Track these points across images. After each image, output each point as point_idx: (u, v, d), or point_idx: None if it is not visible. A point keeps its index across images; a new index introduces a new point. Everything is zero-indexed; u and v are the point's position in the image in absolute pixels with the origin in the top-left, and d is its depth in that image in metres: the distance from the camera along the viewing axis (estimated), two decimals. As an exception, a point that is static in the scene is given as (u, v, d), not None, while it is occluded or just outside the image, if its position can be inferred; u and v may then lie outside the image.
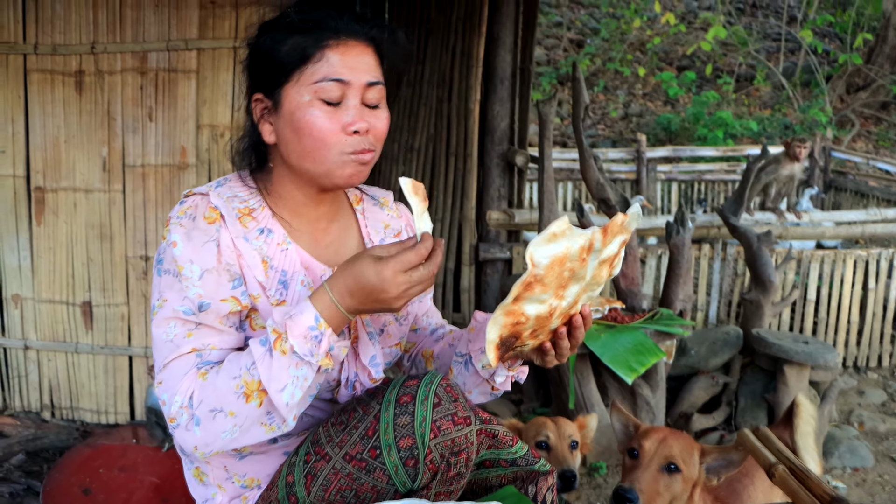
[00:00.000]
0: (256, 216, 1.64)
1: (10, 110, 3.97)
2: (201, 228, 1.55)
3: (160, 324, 1.53)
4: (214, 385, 1.47)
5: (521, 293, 1.42)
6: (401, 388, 1.52)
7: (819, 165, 9.13)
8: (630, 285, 4.15)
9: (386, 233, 1.85)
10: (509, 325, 1.45)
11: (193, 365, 1.51)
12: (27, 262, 4.07)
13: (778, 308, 4.88)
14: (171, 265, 1.54)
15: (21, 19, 3.92)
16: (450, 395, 1.50)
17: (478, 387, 1.78)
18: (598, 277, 1.54)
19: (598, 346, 3.72)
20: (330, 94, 1.56)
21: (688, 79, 13.08)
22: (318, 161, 1.59)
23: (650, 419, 3.97)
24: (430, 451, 1.47)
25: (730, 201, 4.99)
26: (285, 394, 1.44)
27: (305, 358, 1.45)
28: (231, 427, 1.47)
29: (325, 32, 1.58)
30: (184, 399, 1.48)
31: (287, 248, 1.65)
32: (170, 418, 1.49)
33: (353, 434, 1.52)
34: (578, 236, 1.41)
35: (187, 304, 1.52)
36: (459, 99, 4.51)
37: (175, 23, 3.87)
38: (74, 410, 4.18)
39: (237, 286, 1.56)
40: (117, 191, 3.97)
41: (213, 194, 1.61)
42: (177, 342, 1.52)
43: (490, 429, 1.57)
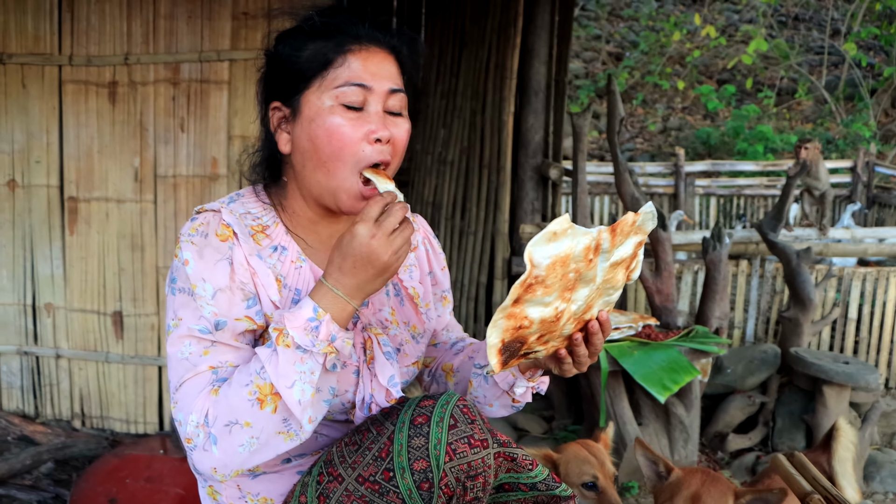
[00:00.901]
0: (270, 233, 1.60)
1: (45, 121, 4.00)
2: (213, 246, 1.51)
3: (175, 343, 1.49)
4: (227, 397, 1.43)
5: (521, 295, 1.34)
6: (416, 409, 1.47)
7: (862, 181, 8.97)
8: (665, 301, 4.07)
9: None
10: (511, 328, 1.38)
11: (209, 383, 1.47)
12: (60, 272, 4.09)
13: (817, 327, 4.77)
14: (185, 283, 1.50)
15: (57, 31, 3.95)
16: (466, 417, 1.45)
17: (498, 399, 1.73)
18: (614, 281, 1.47)
19: (631, 363, 3.66)
20: (352, 99, 1.52)
21: (727, 92, 12.93)
22: (330, 173, 1.54)
23: (684, 439, 3.89)
24: (445, 475, 1.42)
25: (768, 217, 4.90)
26: (295, 390, 1.40)
27: (307, 349, 1.40)
28: (248, 439, 1.42)
29: (347, 37, 1.55)
30: (199, 418, 1.44)
31: (301, 266, 1.61)
32: (186, 439, 1.45)
33: (367, 455, 1.47)
34: (582, 235, 1.35)
35: (203, 322, 1.48)
36: (493, 111, 4.47)
37: (207, 34, 3.88)
38: (104, 420, 4.19)
39: (252, 305, 1.52)
40: (149, 201, 3.98)
41: (226, 211, 1.56)
42: (193, 360, 1.48)
43: (509, 451, 1.51)
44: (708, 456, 4.36)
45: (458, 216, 4.74)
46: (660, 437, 3.90)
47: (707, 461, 4.30)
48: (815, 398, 4.25)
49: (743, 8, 15.35)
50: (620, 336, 3.77)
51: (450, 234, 4.78)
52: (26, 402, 4.24)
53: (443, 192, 4.78)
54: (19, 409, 4.24)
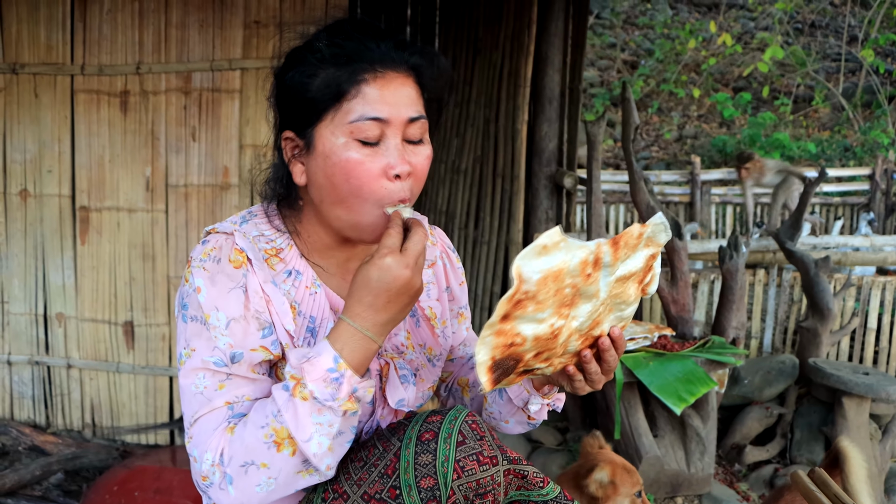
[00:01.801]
0: (284, 257, 1.52)
1: (58, 130, 3.99)
2: (227, 273, 1.43)
3: (188, 374, 1.43)
4: (243, 438, 1.37)
5: (510, 311, 1.27)
6: (423, 425, 1.43)
7: (880, 188, 8.88)
8: (681, 312, 4.02)
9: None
10: (501, 346, 1.30)
11: (225, 419, 1.41)
12: (71, 281, 4.08)
13: (836, 337, 4.70)
14: (197, 312, 1.42)
15: (69, 41, 3.95)
16: (475, 433, 1.41)
17: (514, 416, 1.68)
18: (625, 296, 1.40)
19: (647, 374, 3.60)
20: (368, 134, 1.41)
21: (743, 100, 12.85)
22: (352, 210, 1.46)
23: (700, 451, 3.83)
24: (452, 493, 1.37)
25: (786, 225, 4.84)
26: (312, 444, 1.33)
27: (327, 403, 1.33)
28: (266, 480, 1.36)
29: (362, 64, 1.41)
30: (214, 457, 1.38)
31: (316, 293, 1.54)
32: (202, 476, 1.39)
33: (373, 472, 1.43)
34: (578, 249, 1.27)
35: (218, 354, 1.42)
36: (507, 119, 4.43)
37: (219, 43, 3.87)
38: (115, 430, 4.16)
39: (267, 335, 1.45)
40: (160, 210, 3.96)
41: (238, 234, 1.48)
42: (208, 395, 1.42)
43: (519, 469, 1.46)
44: (725, 468, 4.30)
45: (472, 225, 4.70)
46: (676, 449, 3.84)
47: (724, 474, 4.23)
48: (834, 410, 4.18)
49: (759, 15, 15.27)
50: (636, 347, 3.72)
51: (463, 243, 4.74)
52: (37, 412, 4.22)
53: (456, 202, 4.74)
54: (30, 419, 4.23)
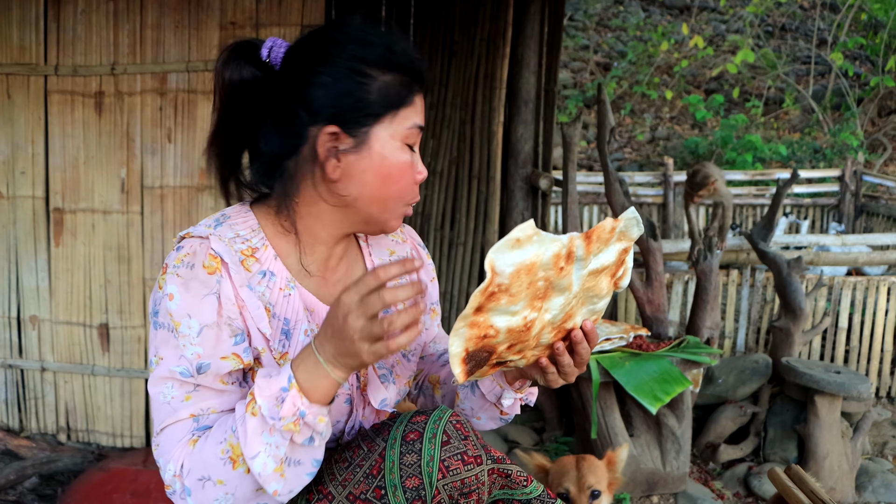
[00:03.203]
0: (259, 256, 1.51)
1: (31, 131, 3.96)
2: (200, 279, 1.42)
3: (156, 383, 1.43)
4: (202, 452, 1.37)
5: (483, 303, 1.29)
6: (407, 425, 1.44)
7: (850, 190, 8.98)
8: (656, 312, 4.05)
9: (391, 260, 1.72)
10: (475, 338, 1.33)
11: (189, 431, 1.41)
12: (45, 284, 4.05)
13: (808, 336, 4.76)
14: (167, 319, 1.42)
15: (42, 41, 3.91)
16: (459, 433, 1.42)
17: (485, 411, 1.70)
18: (597, 289, 1.43)
19: (623, 374, 3.63)
20: (413, 141, 1.51)
21: (716, 102, 12.96)
22: (386, 207, 1.52)
23: (675, 450, 3.86)
24: (438, 492, 1.38)
25: (758, 226, 4.89)
26: (257, 462, 1.32)
27: (270, 421, 1.32)
28: (223, 495, 1.37)
29: (417, 74, 1.50)
30: (175, 467, 1.39)
31: (290, 294, 1.53)
32: (166, 485, 1.41)
33: (357, 472, 1.44)
34: (551, 243, 1.29)
35: (184, 363, 1.41)
36: (483, 121, 4.45)
37: (195, 44, 3.86)
38: (90, 433, 4.14)
39: (239, 342, 1.45)
40: (135, 212, 3.94)
41: (214, 238, 1.46)
42: (174, 405, 1.42)
43: (503, 468, 1.48)
44: (699, 467, 4.34)
45: (448, 227, 4.71)
46: (651, 448, 3.87)
47: (699, 472, 4.27)
48: (806, 408, 4.23)
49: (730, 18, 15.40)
50: (611, 347, 3.74)
51: (439, 244, 4.74)
52: (11, 415, 4.19)
53: (432, 203, 4.75)
54: (3, 423, 4.19)
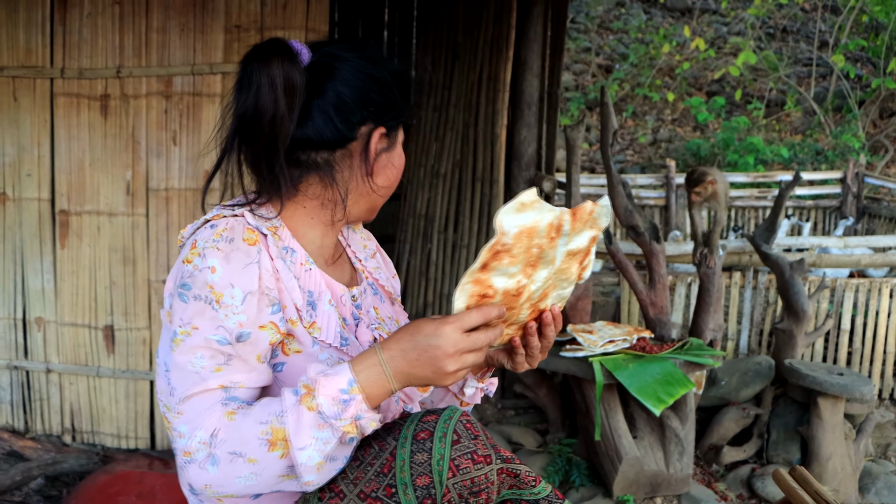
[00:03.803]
0: (280, 234, 1.58)
1: (37, 134, 3.98)
2: (242, 250, 1.47)
3: (186, 352, 1.45)
4: (240, 427, 1.41)
5: (488, 261, 1.36)
6: (418, 424, 1.46)
7: (852, 192, 9.00)
8: (659, 314, 4.07)
9: (366, 252, 1.85)
10: (476, 295, 1.40)
11: (219, 401, 1.44)
12: (50, 285, 4.06)
13: (811, 338, 4.77)
14: (204, 291, 1.44)
15: (49, 44, 3.94)
16: (470, 432, 1.44)
17: (445, 403, 1.76)
18: (568, 273, 1.50)
19: (626, 376, 3.64)
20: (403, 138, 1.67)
21: (717, 104, 12.98)
22: (379, 199, 1.68)
23: (679, 451, 3.88)
24: (448, 491, 1.40)
25: (761, 228, 4.90)
26: (304, 454, 1.38)
27: (329, 420, 1.38)
28: (248, 474, 1.41)
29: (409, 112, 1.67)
30: (205, 435, 1.41)
31: (310, 269, 1.61)
32: (185, 452, 1.42)
33: (369, 471, 1.45)
34: (547, 211, 1.38)
35: (222, 332, 1.45)
36: (486, 124, 4.47)
37: (200, 47, 3.88)
38: (95, 434, 4.16)
39: (276, 312, 1.50)
40: (141, 214, 3.96)
41: (248, 215, 1.53)
42: (203, 375, 1.45)
43: (512, 468, 1.50)
44: (702, 469, 4.35)
45: (451, 229, 4.73)
46: (655, 449, 3.88)
47: (702, 474, 4.29)
48: (809, 410, 4.25)
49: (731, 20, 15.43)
50: (615, 349, 3.76)
51: (442, 246, 4.76)
52: (16, 417, 4.20)
53: (435, 205, 4.77)
54: (8, 425, 4.21)
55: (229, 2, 3.84)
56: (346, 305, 1.66)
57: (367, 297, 1.74)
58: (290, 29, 3.82)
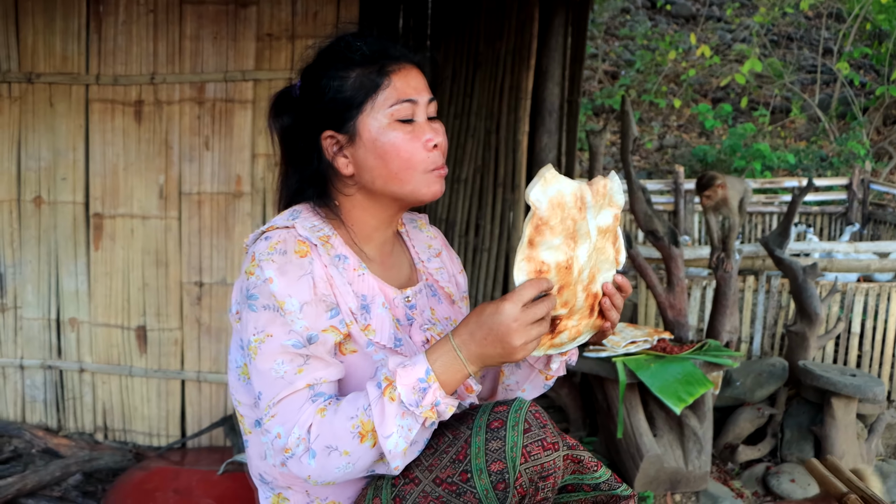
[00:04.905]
0: (332, 243, 1.69)
1: (72, 139, 4.08)
2: (294, 263, 1.58)
3: (266, 359, 1.56)
4: (332, 423, 1.52)
5: (532, 237, 1.48)
6: (490, 414, 1.56)
7: (858, 198, 9.11)
8: (677, 316, 4.17)
9: (429, 252, 1.93)
10: (533, 272, 1.50)
11: (308, 399, 1.55)
12: (84, 287, 4.16)
13: (823, 340, 4.88)
14: (270, 301, 1.56)
15: (84, 51, 4.04)
16: (539, 421, 1.54)
17: (531, 381, 1.84)
18: (606, 253, 1.61)
19: (648, 375, 3.75)
20: (405, 114, 1.65)
21: (725, 111, 13.08)
22: (405, 181, 1.67)
23: (697, 449, 3.98)
24: (520, 476, 1.50)
25: (774, 234, 5.00)
26: (390, 441, 1.49)
27: (410, 408, 1.49)
28: (345, 464, 1.52)
29: (387, 60, 1.66)
30: (302, 431, 1.52)
31: (363, 274, 1.70)
32: (284, 449, 1.53)
33: (444, 458, 1.56)
34: (567, 183, 1.49)
35: (294, 336, 1.55)
36: (508, 131, 4.56)
37: (232, 54, 3.97)
38: (127, 433, 4.25)
39: (334, 316, 1.60)
40: (173, 218, 4.06)
41: (299, 226, 1.64)
42: (288, 378, 1.55)
43: (576, 454, 1.60)
44: (718, 467, 4.45)
45: (472, 233, 4.83)
46: (674, 447, 3.98)
47: (718, 472, 4.39)
48: (823, 410, 4.35)
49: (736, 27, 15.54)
50: (637, 349, 3.86)
51: (463, 250, 4.86)
52: (49, 415, 4.30)
53: (456, 210, 4.86)
54: (42, 423, 4.31)
55: (261, 11, 3.94)
56: (399, 307, 1.76)
57: (423, 298, 1.83)
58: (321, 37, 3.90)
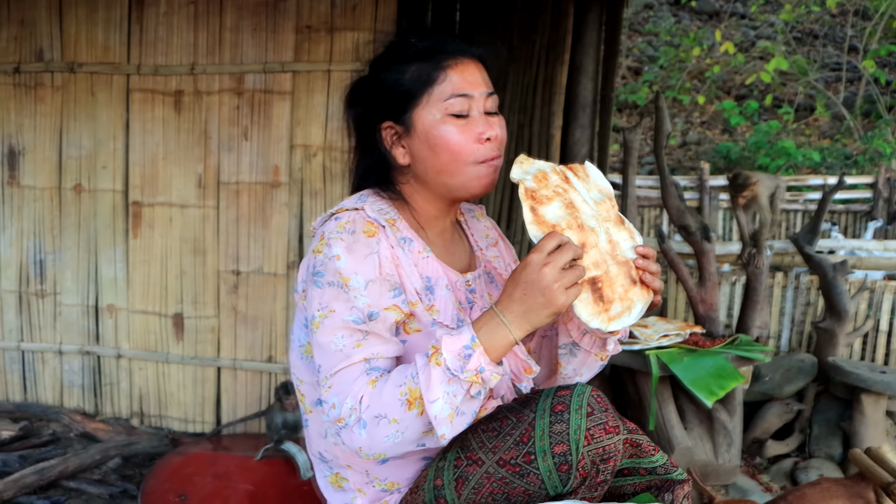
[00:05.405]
0: (398, 226, 1.75)
1: (113, 128, 4.14)
2: (362, 242, 1.64)
3: (327, 333, 1.62)
4: (381, 393, 1.57)
5: (532, 205, 1.60)
6: (554, 398, 1.61)
7: (883, 196, 9.09)
8: (708, 311, 4.19)
9: (487, 241, 2.00)
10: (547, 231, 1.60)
11: (363, 372, 1.60)
12: (122, 274, 4.22)
13: (851, 337, 4.89)
14: (335, 277, 1.62)
15: (126, 42, 4.10)
16: (601, 405, 1.59)
17: (587, 366, 1.89)
18: (620, 236, 1.73)
19: (681, 368, 3.77)
20: (458, 109, 1.70)
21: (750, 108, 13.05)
22: (454, 173, 1.73)
23: (727, 443, 4.00)
24: (582, 458, 1.55)
25: (804, 231, 5.02)
26: (436, 406, 1.53)
27: (455, 373, 1.53)
28: (393, 433, 1.56)
29: (443, 55, 1.73)
30: (354, 402, 1.58)
31: (427, 256, 1.77)
32: (339, 419, 1.59)
33: (507, 440, 1.61)
34: (544, 163, 1.68)
35: (356, 313, 1.61)
36: (541, 125, 4.60)
37: (272, 46, 4.02)
38: (162, 418, 4.31)
39: (397, 295, 1.66)
40: (211, 207, 4.11)
41: (368, 208, 1.71)
42: (346, 352, 1.61)
43: (635, 438, 1.66)
44: (746, 461, 4.47)
45: (504, 226, 4.87)
46: (704, 441, 4.01)
47: (746, 466, 4.41)
48: (852, 406, 4.36)
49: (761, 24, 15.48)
50: (669, 343, 3.89)
51: (495, 243, 4.89)
52: (87, 400, 4.37)
53: (489, 203, 4.90)
54: (80, 407, 4.38)
55: (300, 3, 3.98)
56: (460, 290, 1.81)
57: (481, 283, 1.88)
58: (359, 30, 3.94)
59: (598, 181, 1.75)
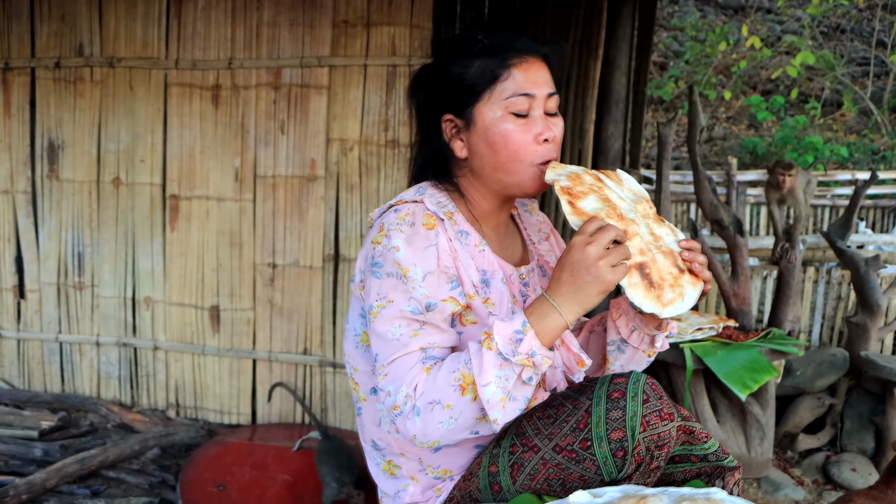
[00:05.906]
0: (456, 219, 1.77)
1: (151, 122, 4.19)
2: (421, 234, 1.67)
3: (385, 322, 1.65)
4: (435, 379, 1.59)
5: (570, 200, 1.63)
6: (610, 385, 1.63)
7: (911, 192, 9.04)
8: (741, 305, 4.20)
9: (539, 235, 2.02)
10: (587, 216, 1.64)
11: (419, 360, 1.63)
12: (160, 267, 4.28)
13: (883, 332, 4.88)
14: (394, 268, 1.64)
15: (164, 36, 4.14)
16: (656, 393, 1.61)
17: (635, 362, 1.91)
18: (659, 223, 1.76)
19: (715, 362, 3.79)
20: (519, 108, 1.71)
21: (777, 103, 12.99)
22: (511, 172, 1.74)
23: (760, 437, 4.02)
24: (638, 444, 1.57)
25: (836, 225, 5.01)
26: (488, 390, 1.55)
27: (507, 357, 1.55)
28: (447, 419, 1.58)
29: (509, 53, 1.73)
30: (409, 389, 1.60)
31: (483, 250, 1.79)
32: (394, 406, 1.61)
33: (564, 427, 1.63)
34: (576, 167, 1.72)
35: (414, 304, 1.64)
36: (574, 120, 4.61)
37: (308, 41, 4.05)
38: (198, 410, 4.36)
39: (455, 287, 1.68)
40: (248, 200, 4.16)
41: (427, 201, 1.73)
42: (403, 341, 1.63)
43: (689, 425, 1.68)
44: (778, 455, 4.48)
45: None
46: (737, 434, 4.02)
47: (777, 460, 4.42)
48: (884, 400, 4.36)
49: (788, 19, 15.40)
50: (703, 336, 3.91)
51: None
52: (123, 391, 4.43)
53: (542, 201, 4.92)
54: (117, 398, 4.44)
55: (337, -2, 4.03)
56: (514, 283, 1.84)
57: (535, 277, 1.91)
58: (396, 25, 3.97)
59: (631, 185, 1.78)
